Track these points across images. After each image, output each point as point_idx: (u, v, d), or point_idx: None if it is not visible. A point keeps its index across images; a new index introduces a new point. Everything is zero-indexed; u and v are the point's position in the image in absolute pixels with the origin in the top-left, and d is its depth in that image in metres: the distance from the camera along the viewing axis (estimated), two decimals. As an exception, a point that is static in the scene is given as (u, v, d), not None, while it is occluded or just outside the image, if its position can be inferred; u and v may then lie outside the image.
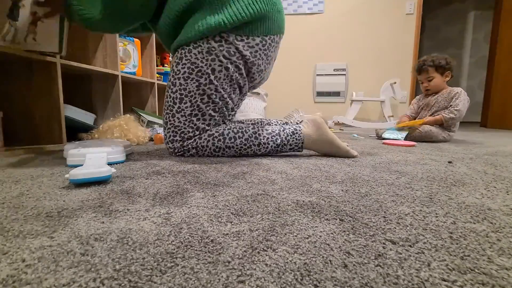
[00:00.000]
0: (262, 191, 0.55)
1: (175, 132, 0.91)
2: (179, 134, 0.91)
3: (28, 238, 0.35)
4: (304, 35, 3.16)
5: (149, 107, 1.83)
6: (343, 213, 0.44)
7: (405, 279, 0.27)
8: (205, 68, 0.87)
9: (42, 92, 1.11)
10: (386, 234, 0.37)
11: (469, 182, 0.65)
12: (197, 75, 0.87)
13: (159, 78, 1.96)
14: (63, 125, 1.12)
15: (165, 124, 0.94)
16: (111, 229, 0.38)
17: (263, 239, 0.35)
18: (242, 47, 0.87)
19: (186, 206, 0.47)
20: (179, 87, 0.89)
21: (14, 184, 0.59)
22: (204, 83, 0.88)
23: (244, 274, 0.28)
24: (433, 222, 0.41)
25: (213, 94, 0.89)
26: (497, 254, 0.32)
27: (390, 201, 0.50)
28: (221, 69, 0.87)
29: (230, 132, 0.91)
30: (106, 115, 1.49)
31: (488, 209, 0.47)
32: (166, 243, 0.34)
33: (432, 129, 1.49)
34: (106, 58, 1.44)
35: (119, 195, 0.52)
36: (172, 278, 0.27)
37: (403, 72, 3.00)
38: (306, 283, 0.26)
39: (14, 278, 0.27)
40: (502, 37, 2.95)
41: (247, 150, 0.92)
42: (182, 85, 0.88)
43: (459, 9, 4.60)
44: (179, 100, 0.89)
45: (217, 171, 0.72)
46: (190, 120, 0.90)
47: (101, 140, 1.01)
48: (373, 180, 0.65)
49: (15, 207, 0.46)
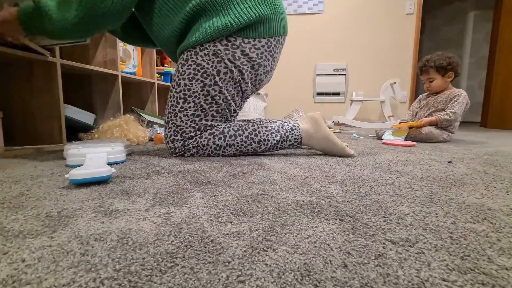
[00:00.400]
0: (262, 191, 0.55)
1: (177, 132, 0.91)
2: (181, 134, 0.91)
3: (28, 238, 0.35)
4: (304, 35, 3.16)
5: (149, 107, 1.83)
6: (343, 213, 0.44)
7: (405, 279, 0.27)
8: (210, 69, 0.88)
9: (42, 92, 1.11)
10: (386, 234, 0.37)
11: (469, 182, 0.65)
12: (202, 76, 0.88)
13: (159, 78, 1.96)
14: (63, 125, 1.12)
15: (166, 124, 0.94)
16: (111, 229, 0.38)
17: (263, 239, 0.35)
18: (248, 49, 0.88)
19: (186, 206, 0.47)
20: (183, 87, 0.89)
21: (14, 184, 0.59)
22: (209, 84, 0.89)
23: (244, 274, 0.28)
24: (433, 222, 0.41)
25: (217, 96, 0.90)
26: (497, 254, 0.32)
27: (390, 201, 0.50)
28: (226, 71, 0.89)
29: (231, 130, 0.92)
30: (106, 115, 1.49)
31: (488, 209, 0.47)
32: (166, 243, 0.34)
33: (432, 131, 1.49)
34: (106, 58, 1.44)
35: (119, 195, 0.52)
36: (172, 278, 0.27)
37: (403, 72, 3.00)
38: (306, 283, 0.26)
39: (14, 278, 0.27)
40: (502, 37, 2.95)
41: (248, 148, 0.93)
42: (187, 85, 0.89)
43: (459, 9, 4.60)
44: (183, 100, 0.90)
45: (217, 171, 0.72)
46: (193, 120, 0.90)
47: (101, 140, 1.01)
48: (373, 180, 0.65)
49: (15, 207, 0.46)
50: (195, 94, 0.89)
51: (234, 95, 0.93)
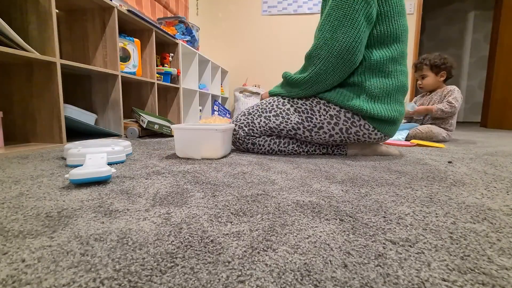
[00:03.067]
0: (262, 191, 0.55)
1: (247, 126, 1.01)
2: (249, 128, 1.00)
3: (28, 238, 0.35)
4: (304, 35, 3.16)
5: (149, 107, 1.83)
6: (343, 213, 0.44)
7: (405, 279, 0.27)
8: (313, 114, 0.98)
9: (42, 92, 1.11)
10: (386, 234, 0.37)
11: (469, 182, 0.65)
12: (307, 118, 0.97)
13: (159, 78, 1.96)
14: (63, 125, 1.12)
15: (247, 114, 1.02)
16: (111, 229, 0.38)
17: (263, 239, 0.35)
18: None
19: (186, 206, 0.47)
20: (283, 108, 0.98)
21: (14, 184, 0.59)
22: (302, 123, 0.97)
23: (244, 274, 0.28)
24: (433, 222, 0.41)
25: (300, 130, 0.98)
26: (497, 254, 0.32)
27: (390, 201, 0.50)
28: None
29: (286, 137, 1.02)
30: (106, 115, 1.49)
31: (488, 209, 0.47)
32: (166, 243, 0.34)
33: (432, 130, 1.50)
34: (106, 58, 1.44)
35: (119, 195, 0.52)
36: (172, 278, 0.27)
37: (403, 72, 3.00)
38: (306, 283, 0.26)
39: (14, 278, 0.27)
40: (502, 37, 2.94)
41: (294, 153, 1.03)
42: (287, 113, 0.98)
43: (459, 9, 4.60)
44: (275, 115, 0.98)
45: (217, 171, 0.72)
46: (273, 130, 0.99)
47: (101, 140, 1.01)
48: (373, 180, 0.65)
49: (15, 207, 0.46)
50: (290, 120, 0.98)
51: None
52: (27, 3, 1.07)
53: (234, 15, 3.37)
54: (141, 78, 1.66)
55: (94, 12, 1.42)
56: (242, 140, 1.02)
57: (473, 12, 4.47)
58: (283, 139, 1.01)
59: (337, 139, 0.97)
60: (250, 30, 3.34)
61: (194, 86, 2.44)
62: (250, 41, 3.33)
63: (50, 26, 1.07)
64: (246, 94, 3.05)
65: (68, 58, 1.46)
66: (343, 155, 1.01)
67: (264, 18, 3.28)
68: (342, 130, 0.94)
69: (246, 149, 1.04)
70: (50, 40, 1.07)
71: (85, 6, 1.39)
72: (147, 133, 1.63)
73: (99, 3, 1.35)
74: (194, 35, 2.42)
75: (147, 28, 1.76)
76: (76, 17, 1.44)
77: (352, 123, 0.92)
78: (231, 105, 3.50)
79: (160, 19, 2.31)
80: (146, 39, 1.79)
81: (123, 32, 1.76)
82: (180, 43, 2.14)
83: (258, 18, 3.32)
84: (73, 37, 1.45)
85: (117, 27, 1.42)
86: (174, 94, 2.17)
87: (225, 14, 3.39)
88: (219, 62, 3.46)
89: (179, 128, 0.89)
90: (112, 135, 1.47)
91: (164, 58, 2.09)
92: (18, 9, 1.08)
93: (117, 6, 1.42)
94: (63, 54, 1.46)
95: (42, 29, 1.07)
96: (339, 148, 1.02)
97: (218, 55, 3.47)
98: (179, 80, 2.15)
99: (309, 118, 0.95)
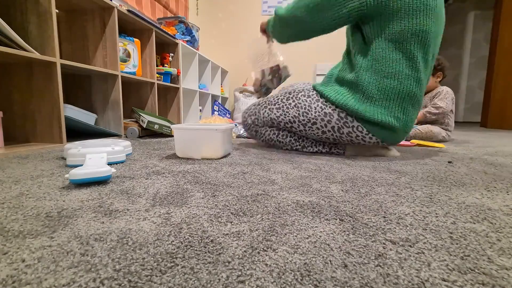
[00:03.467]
0: (262, 191, 0.55)
1: (254, 115, 1.10)
2: (255, 117, 1.10)
3: (28, 238, 0.35)
4: (304, 35, 3.16)
5: (149, 107, 1.83)
6: (343, 213, 0.44)
7: (405, 279, 0.27)
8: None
9: (42, 92, 1.11)
10: (386, 234, 0.37)
11: (469, 182, 0.65)
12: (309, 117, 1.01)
13: (159, 78, 1.96)
14: (63, 125, 1.12)
15: (257, 104, 1.11)
16: (111, 229, 0.38)
17: (263, 239, 0.35)
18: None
19: (186, 206, 0.47)
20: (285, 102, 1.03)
21: (14, 184, 0.59)
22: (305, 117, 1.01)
23: (244, 274, 0.28)
24: (433, 222, 0.41)
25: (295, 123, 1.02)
26: (497, 254, 0.32)
27: (390, 201, 0.50)
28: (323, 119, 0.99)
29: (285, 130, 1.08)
30: (106, 115, 1.49)
31: (488, 209, 0.47)
32: (166, 243, 0.34)
33: (432, 130, 1.50)
34: (106, 58, 1.44)
35: (119, 195, 0.52)
36: (172, 278, 0.27)
37: (403, 72, 2.99)
38: (306, 283, 0.26)
39: (14, 278, 0.27)
40: (502, 37, 2.94)
41: (291, 146, 1.09)
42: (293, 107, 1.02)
43: (459, 9, 4.60)
44: (277, 107, 1.04)
45: (217, 171, 0.72)
46: (273, 121, 1.05)
47: (101, 140, 1.01)
48: (373, 180, 0.65)
49: (15, 207, 0.46)
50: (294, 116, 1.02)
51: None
52: (27, 3, 1.07)
53: (234, 15, 3.37)
54: (141, 78, 1.66)
55: (94, 12, 1.42)
56: (248, 127, 1.14)
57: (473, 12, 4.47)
58: (282, 131, 1.08)
59: (330, 137, 0.98)
60: (250, 30, 3.34)
61: (194, 86, 2.44)
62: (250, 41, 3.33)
63: (50, 26, 1.07)
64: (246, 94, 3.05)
65: (68, 58, 1.46)
66: (343, 155, 1.01)
67: (264, 18, 3.28)
68: (334, 128, 0.94)
69: (251, 135, 1.16)
70: (50, 40, 1.07)
71: (85, 6, 1.39)
72: (147, 133, 1.63)
73: (99, 3, 1.35)
74: (194, 35, 2.42)
75: (147, 28, 1.76)
76: (76, 17, 1.44)
77: (344, 123, 0.92)
78: (231, 105, 3.50)
79: (160, 19, 2.31)
80: (146, 39, 1.79)
81: (123, 32, 1.76)
82: (180, 43, 2.14)
83: (258, 18, 3.32)
84: (73, 37, 1.45)
85: (117, 27, 1.42)
86: (174, 94, 2.17)
87: (225, 14, 3.39)
88: (219, 62, 3.46)
89: (179, 128, 0.90)
90: (112, 135, 1.47)
91: (164, 58, 2.09)
92: (18, 9, 1.08)
93: (117, 6, 1.42)
94: (63, 54, 1.46)
95: (42, 29, 1.07)
96: (337, 147, 1.03)
97: (218, 55, 3.47)
98: (179, 80, 2.15)
99: (305, 113, 0.97)
